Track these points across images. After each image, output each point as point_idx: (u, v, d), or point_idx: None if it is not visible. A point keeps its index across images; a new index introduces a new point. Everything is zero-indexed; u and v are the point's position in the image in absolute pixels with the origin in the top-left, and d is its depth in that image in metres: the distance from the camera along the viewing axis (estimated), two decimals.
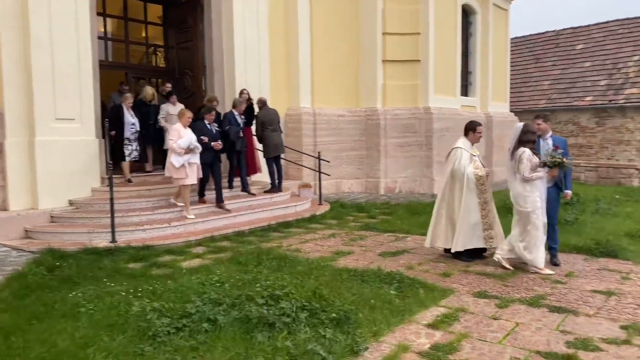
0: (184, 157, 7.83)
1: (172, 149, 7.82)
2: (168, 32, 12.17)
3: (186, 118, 8.09)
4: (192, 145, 7.91)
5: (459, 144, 6.46)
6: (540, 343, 3.94)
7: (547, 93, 20.90)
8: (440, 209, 6.53)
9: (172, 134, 7.98)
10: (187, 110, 8.30)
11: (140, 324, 4.06)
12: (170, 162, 7.84)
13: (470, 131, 6.50)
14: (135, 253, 6.63)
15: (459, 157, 6.33)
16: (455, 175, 6.34)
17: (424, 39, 12.97)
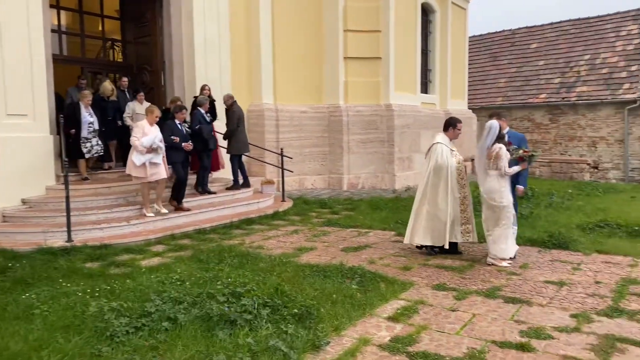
0: (146, 156, 7.67)
1: (135, 146, 7.64)
2: (125, 27, 11.89)
3: (154, 116, 7.91)
4: (155, 144, 7.72)
5: (439, 140, 6.47)
6: (495, 333, 4.07)
7: (503, 90, 21.50)
8: (421, 206, 6.46)
9: (135, 131, 7.76)
10: (157, 109, 8.11)
11: (97, 325, 3.97)
12: (131, 160, 7.68)
13: (451, 127, 6.54)
14: (92, 252, 6.47)
15: (441, 153, 6.35)
16: (438, 170, 6.31)
17: (384, 36, 13.13)
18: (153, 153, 7.74)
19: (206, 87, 10.07)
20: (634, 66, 18.50)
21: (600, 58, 19.72)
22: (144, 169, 7.68)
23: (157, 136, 7.79)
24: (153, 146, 7.70)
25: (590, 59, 19.99)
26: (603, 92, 18.44)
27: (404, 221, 8.64)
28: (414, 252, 6.78)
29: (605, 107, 18.35)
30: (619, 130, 18.18)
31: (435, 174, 6.34)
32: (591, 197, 11.80)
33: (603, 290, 5.10)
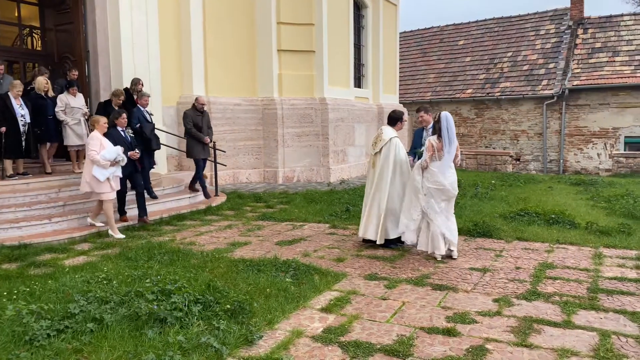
0: (109, 170, 7.00)
1: (96, 161, 6.92)
2: (45, 13, 11.19)
3: (102, 125, 7.21)
4: (120, 157, 7.08)
5: (392, 134, 6.52)
6: (424, 319, 4.21)
7: (432, 86, 22.23)
8: (373, 200, 6.49)
9: (92, 144, 6.99)
10: (101, 117, 7.41)
11: (15, 329, 3.74)
12: (92, 176, 6.93)
13: (398, 121, 6.64)
14: (9, 252, 6.08)
15: (399, 147, 6.43)
16: (397, 165, 6.39)
17: (317, 30, 13.17)
18: (116, 166, 7.10)
19: (140, 82, 9.62)
20: (551, 64, 19.70)
21: (521, 55, 20.83)
22: (107, 184, 7.05)
23: (118, 148, 7.12)
24: (117, 159, 7.04)
25: (513, 56, 21.07)
26: (524, 87, 19.51)
27: (338, 213, 8.81)
28: (347, 243, 6.89)
29: (526, 102, 19.43)
30: (538, 124, 19.32)
31: (394, 168, 6.41)
32: (513, 188, 12.46)
33: (522, 275, 5.42)
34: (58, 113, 8.86)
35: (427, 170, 6.03)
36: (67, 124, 8.87)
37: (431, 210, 6.03)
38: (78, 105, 9.00)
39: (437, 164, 6.01)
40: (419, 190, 6.08)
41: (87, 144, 7.05)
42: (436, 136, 6.04)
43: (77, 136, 8.97)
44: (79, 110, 8.99)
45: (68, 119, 8.85)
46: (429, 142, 6.04)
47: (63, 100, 8.92)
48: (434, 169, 6.00)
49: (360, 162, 15.18)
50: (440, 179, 5.99)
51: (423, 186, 6.05)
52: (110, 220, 7.21)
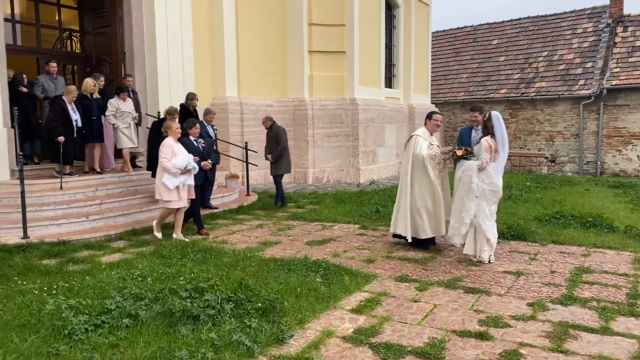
0: (180, 179, 6.82)
1: (166, 168, 6.76)
2: (84, 16, 11.52)
3: (175, 131, 7.00)
4: (191, 165, 6.90)
5: (418, 132, 6.48)
6: (456, 323, 4.16)
7: (465, 85, 21.91)
8: (400, 197, 6.51)
9: (164, 151, 6.82)
10: (174, 122, 7.23)
11: (55, 323, 3.87)
12: (162, 183, 6.79)
13: (428, 119, 6.55)
14: (49, 249, 6.28)
15: (417, 144, 6.34)
16: (413, 161, 6.33)
17: (349, 30, 13.17)
18: (187, 174, 6.92)
19: (196, 97, 9.65)
20: (589, 63, 19.15)
21: (557, 55, 20.32)
22: (176, 192, 6.85)
23: (190, 156, 6.94)
24: (187, 167, 6.86)
25: (548, 55, 20.58)
26: (560, 87, 19.02)
27: (367, 214, 8.78)
28: (377, 244, 6.86)
29: (562, 103, 18.94)
30: (574, 125, 18.81)
31: (413, 166, 6.35)
32: (548, 190, 12.18)
33: (558, 279, 5.29)
34: (109, 117, 8.94)
35: (484, 171, 5.84)
36: (117, 127, 8.99)
37: (482, 214, 5.85)
38: (128, 109, 9.11)
39: (492, 165, 5.86)
40: (474, 193, 5.85)
41: (160, 151, 6.89)
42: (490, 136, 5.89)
43: (128, 139, 9.13)
44: (129, 114, 9.10)
45: (119, 122, 8.97)
46: (487, 143, 5.85)
47: (114, 104, 8.98)
48: (491, 170, 5.85)
49: (390, 162, 15.10)
50: (495, 181, 5.85)
51: (478, 188, 5.84)
52: (160, 220, 7.16)
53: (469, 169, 5.95)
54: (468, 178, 5.92)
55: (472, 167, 5.92)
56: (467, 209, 5.87)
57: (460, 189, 6.01)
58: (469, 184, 5.90)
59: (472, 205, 5.86)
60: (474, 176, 5.87)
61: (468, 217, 5.87)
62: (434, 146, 6.43)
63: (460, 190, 6.01)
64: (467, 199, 5.88)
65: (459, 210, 5.97)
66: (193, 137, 7.51)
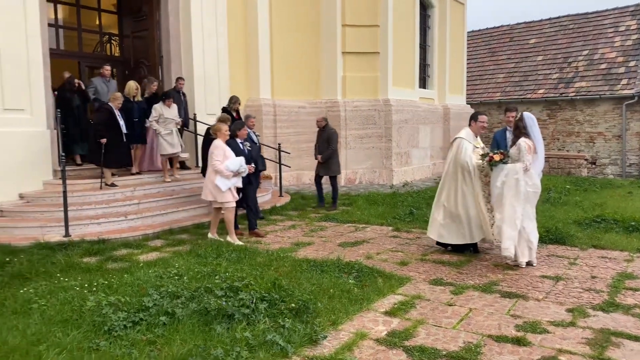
0: (232, 180, 6.91)
1: (219, 171, 6.81)
2: (123, 21, 11.84)
3: (224, 133, 7.06)
4: (242, 168, 6.95)
5: (461, 134, 6.30)
6: (492, 327, 4.09)
7: (501, 86, 21.50)
8: (438, 201, 6.36)
9: (216, 154, 6.86)
10: (223, 124, 7.23)
11: (95, 319, 3.99)
12: (215, 185, 6.86)
13: (472, 120, 6.36)
14: (90, 247, 6.47)
15: (461, 148, 6.16)
16: (457, 166, 6.15)
17: (383, 31, 13.10)
18: (238, 176, 7.00)
19: (238, 101, 9.72)
20: (632, 62, 18.51)
21: (598, 53, 19.71)
22: (229, 193, 6.95)
23: (241, 158, 7.00)
24: (240, 170, 6.93)
25: (589, 54, 19.99)
26: (601, 87, 18.44)
27: (401, 216, 8.71)
28: (411, 247, 6.80)
29: (604, 103, 18.36)
30: (616, 126, 18.21)
31: (455, 169, 6.18)
32: (588, 193, 11.83)
33: (599, 285, 5.13)
34: (151, 123, 9.02)
35: (527, 173, 5.68)
36: (159, 133, 9.01)
37: (526, 217, 5.71)
38: (171, 116, 9.11)
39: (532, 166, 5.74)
40: (522, 196, 5.68)
41: (210, 153, 6.95)
42: (526, 137, 5.75)
43: (170, 145, 9.11)
44: (172, 120, 9.11)
45: (161, 128, 8.97)
46: (526, 144, 5.70)
47: (158, 110, 9.02)
48: (532, 171, 5.72)
49: (425, 164, 14.94)
50: (537, 182, 5.74)
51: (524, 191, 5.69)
52: (230, 227, 7.10)
53: (514, 172, 5.72)
54: (515, 182, 5.69)
55: (517, 171, 5.71)
56: (518, 214, 5.68)
57: (507, 195, 5.71)
58: (516, 188, 5.68)
59: (520, 209, 5.71)
60: (521, 179, 5.69)
61: (520, 223, 5.69)
62: (479, 149, 6.21)
63: (508, 196, 5.71)
64: (517, 203, 5.68)
65: (512, 218, 5.67)
66: (240, 139, 7.51)
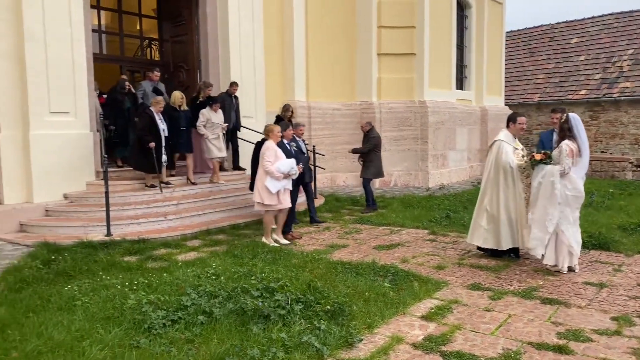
0: (282, 182, 6.81)
1: (270, 172, 6.73)
2: (163, 25, 12.12)
3: (276, 134, 7.02)
4: (293, 170, 6.86)
5: (500, 137, 6.17)
6: (532, 334, 3.99)
7: (541, 87, 20.96)
8: (480, 204, 6.24)
9: (268, 154, 6.79)
10: (276, 125, 7.21)
11: (135, 317, 4.08)
12: (265, 187, 6.76)
13: (511, 122, 6.22)
14: (130, 246, 6.64)
15: (501, 150, 6.03)
16: (498, 169, 6.03)
17: (419, 32, 12.98)
18: (288, 179, 6.90)
19: (291, 109, 9.86)
20: None
21: None
22: (276, 196, 6.86)
23: (292, 160, 6.94)
24: (291, 172, 6.85)
25: (634, 53, 19.26)
26: None
27: (437, 220, 8.60)
28: (447, 251, 6.71)
29: None
30: None
31: (496, 173, 6.05)
32: (634, 197, 11.40)
33: None
34: (199, 127, 9.17)
35: (567, 176, 5.53)
36: (207, 138, 9.20)
37: (565, 221, 5.56)
38: (218, 120, 9.31)
39: (573, 169, 5.56)
40: (557, 199, 5.55)
41: (261, 154, 6.89)
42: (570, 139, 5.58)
43: (217, 149, 9.34)
44: (219, 125, 9.32)
45: (208, 133, 9.17)
46: (568, 147, 5.55)
47: (205, 115, 9.21)
48: (573, 175, 5.56)
49: (462, 167, 14.71)
50: (579, 186, 5.57)
51: (561, 194, 5.54)
52: (268, 228, 7.08)
53: (550, 174, 5.61)
54: (550, 184, 5.59)
55: (553, 173, 5.59)
56: (551, 217, 5.56)
57: (541, 197, 5.65)
58: (551, 191, 5.58)
59: (555, 212, 5.56)
60: (556, 182, 5.56)
61: (552, 226, 5.56)
62: (519, 150, 6.08)
63: (541, 197, 5.65)
64: (550, 206, 5.57)
65: (542, 219, 5.62)
66: (286, 140, 7.48)
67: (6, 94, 7.73)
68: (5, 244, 6.95)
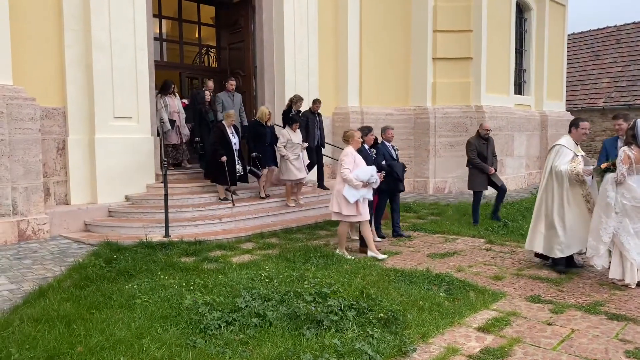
0: (361, 192, 6.39)
1: (348, 180, 6.33)
2: (220, 33, 12.45)
3: (357, 140, 6.64)
4: (373, 178, 6.44)
5: (561, 142, 5.96)
6: (597, 351, 3.78)
7: (606, 91, 20.01)
8: (538, 210, 6.06)
9: (346, 161, 6.40)
10: (356, 131, 6.77)
11: (192, 317, 4.18)
12: (343, 196, 6.38)
13: (573, 127, 5.98)
14: (187, 247, 6.82)
15: (559, 155, 5.82)
16: (552, 174, 5.85)
17: (476, 36, 12.69)
18: (367, 188, 6.48)
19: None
20: None
21: None
22: (355, 207, 6.46)
23: (372, 167, 6.56)
24: (370, 180, 6.44)
25: None
26: None
27: (494, 228, 8.35)
28: (505, 261, 6.49)
29: None
30: None
31: (551, 177, 5.87)
32: None
33: None
34: (280, 149, 8.94)
35: (624, 185, 5.28)
36: (287, 159, 8.91)
37: (624, 232, 5.30)
38: (298, 140, 9.09)
39: (635, 178, 5.27)
40: (612, 208, 5.33)
41: (340, 160, 6.55)
42: (631, 146, 5.31)
43: (297, 170, 9.02)
44: (299, 145, 9.08)
45: (289, 154, 8.90)
46: (625, 153, 5.29)
47: (285, 135, 8.96)
48: (633, 184, 5.27)
49: (520, 174, 14.23)
50: (639, 195, 5.28)
51: (617, 204, 5.31)
52: (342, 239, 6.76)
53: (605, 182, 5.44)
54: (604, 192, 5.42)
55: (608, 180, 5.41)
56: (605, 225, 5.34)
57: (597, 205, 5.50)
58: (605, 199, 5.39)
59: (611, 222, 5.32)
60: (609, 190, 5.35)
61: (606, 235, 5.33)
62: (579, 157, 5.79)
63: (597, 205, 5.50)
64: (605, 215, 5.36)
65: (596, 228, 5.44)
66: (367, 144, 7.17)
67: (74, 100, 8.14)
68: (71, 242, 7.30)
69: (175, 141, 9.86)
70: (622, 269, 5.35)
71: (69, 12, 8.00)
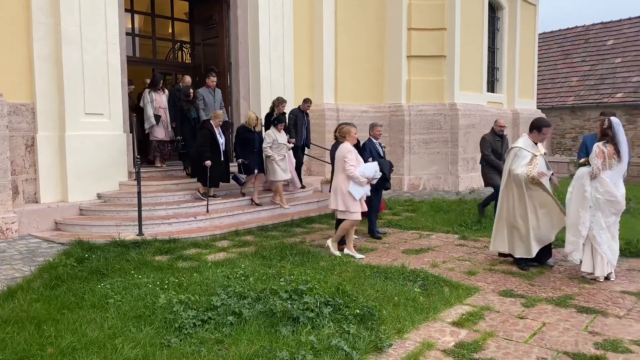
0: (365, 188, 6.40)
1: (354, 177, 6.27)
2: (194, 29, 12.28)
3: (353, 136, 6.58)
4: (378, 175, 6.51)
5: (519, 144, 5.99)
6: (568, 343, 3.87)
7: (575, 90, 20.49)
8: (500, 211, 6.12)
9: (350, 158, 6.30)
10: (352, 127, 6.64)
11: (166, 316, 4.13)
12: (348, 193, 6.30)
13: (535, 130, 5.97)
14: (161, 246, 6.72)
15: (515, 157, 5.88)
16: (510, 176, 5.91)
17: (449, 34, 12.86)
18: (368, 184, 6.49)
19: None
20: None
21: None
22: (359, 203, 6.44)
23: (375, 164, 6.63)
24: (376, 176, 6.47)
25: None
26: None
27: (468, 224, 8.47)
28: (478, 256, 6.59)
29: None
30: None
31: (510, 180, 5.93)
32: None
33: None
34: (266, 149, 8.82)
35: (597, 179, 5.41)
36: (274, 159, 8.84)
37: (596, 225, 5.43)
38: (284, 141, 9.03)
39: (608, 173, 5.40)
40: (588, 202, 5.44)
41: (342, 157, 6.37)
42: (604, 142, 5.45)
43: (283, 171, 8.98)
44: (284, 146, 9.03)
45: (275, 154, 8.82)
46: (599, 148, 5.42)
47: (271, 136, 8.88)
48: (606, 178, 5.40)
49: None
50: (612, 190, 5.39)
51: (591, 197, 5.43)
52: (340, 234, 6.67)
53: (580, 177, 5.54)
54: (581, 187, 5.51)
55: (583, 175, 5.51)
56: (583, 220, 5.45)
57: (574, 200, 5.56)
58: (582, 193, 5.49)
59: (587, 216, 5.44)
60: (586, 184, 5.46)
61: (585, 229, 5.44)
62: (537, 157, 5.81)
63: (574, 201, 5.56)
64: (582, 209, 5.47)
65: (575, 223, 5.51)
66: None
67: (43, 96, 7.93)
68: (41, 241, 7.13)
69: (161, 136, 9.75)
70: (593, 262, 5.49)
71: (37, 6, 7.78)
